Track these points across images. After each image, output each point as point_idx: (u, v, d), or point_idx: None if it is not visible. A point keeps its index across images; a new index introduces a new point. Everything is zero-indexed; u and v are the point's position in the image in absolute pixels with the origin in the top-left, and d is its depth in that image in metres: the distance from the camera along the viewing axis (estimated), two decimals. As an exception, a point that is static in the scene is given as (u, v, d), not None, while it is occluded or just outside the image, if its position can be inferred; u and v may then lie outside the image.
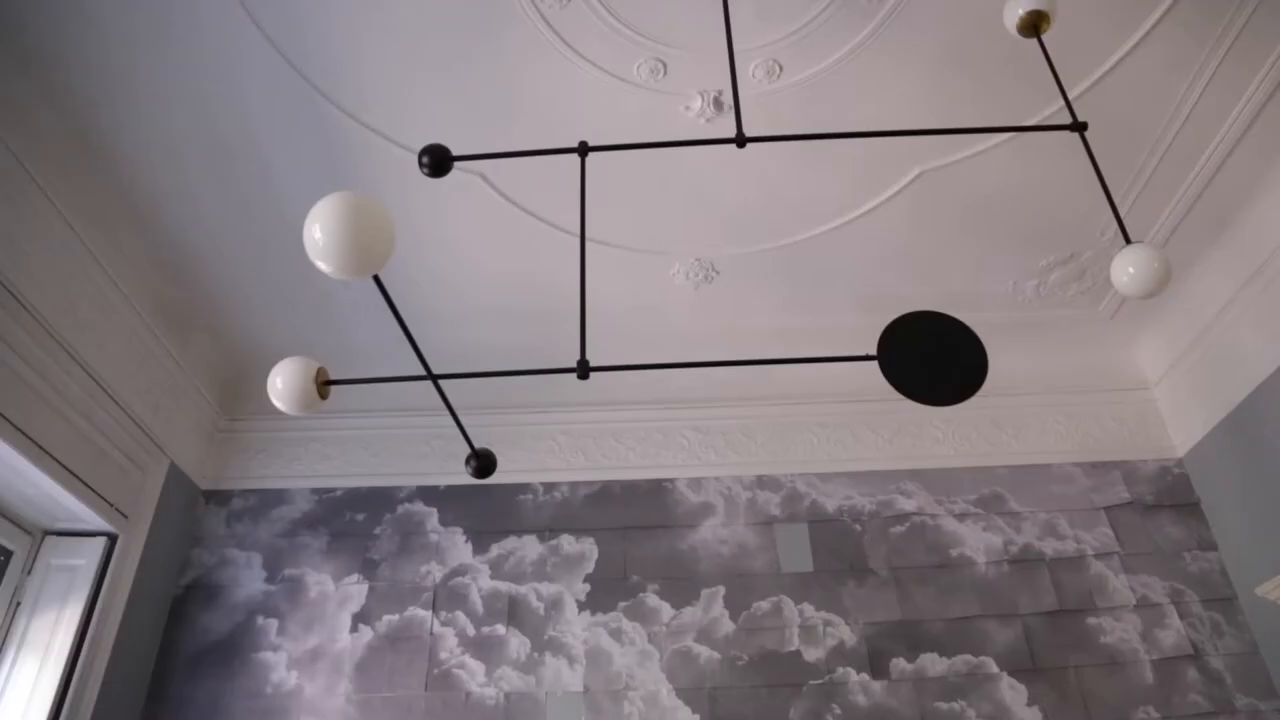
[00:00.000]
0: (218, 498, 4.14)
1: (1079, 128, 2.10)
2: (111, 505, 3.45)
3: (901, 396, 1.95)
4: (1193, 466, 4.11)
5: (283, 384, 2.29)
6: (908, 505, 4.07)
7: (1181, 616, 3.79)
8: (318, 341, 3.91)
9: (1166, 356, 4.21)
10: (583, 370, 2.32)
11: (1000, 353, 2.27)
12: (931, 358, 2.27)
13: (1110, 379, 4.36)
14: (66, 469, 3.19)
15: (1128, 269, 2.01)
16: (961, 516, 4.04)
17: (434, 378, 2.42)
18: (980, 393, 2.18)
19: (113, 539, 3.51)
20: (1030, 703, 3.62)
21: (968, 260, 3.78)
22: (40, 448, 3.06)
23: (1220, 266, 3.74)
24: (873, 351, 2.00)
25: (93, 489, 3.34)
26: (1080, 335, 4.23)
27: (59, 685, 3.21)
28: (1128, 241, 2.04)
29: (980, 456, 4.19)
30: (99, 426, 3.40)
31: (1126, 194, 3.41)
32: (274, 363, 2.04)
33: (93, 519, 3.40)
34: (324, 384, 2.31)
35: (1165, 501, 4.07)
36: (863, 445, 4.23)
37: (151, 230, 3.41)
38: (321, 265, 1.78)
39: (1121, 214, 2.45)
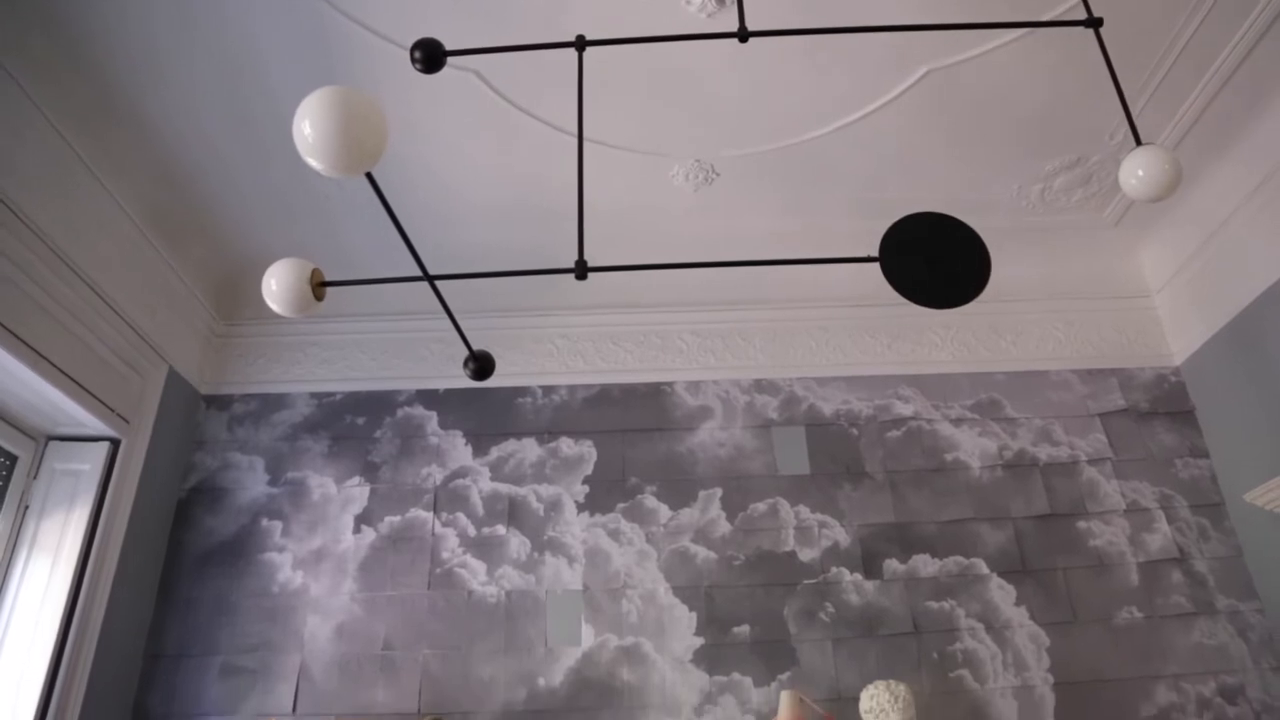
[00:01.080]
0: (218, 402, 4.16)
1: (1094, 23, 2.02)
2: (112, 410, 3.47)
3: (901, 302, 1.93)
4: (1189, 374, 4.12)
5: (277, 285, 2.27)
6: (905, 410, 4.10)
7: (1169, 521, 3.86)
8: (315, 246, 3.87)
9: (1169, 264, 4.18)
10: (580, 270, 2.29)
11: (1002, 259, 2.25)
12: (934, 260, 2.25)
13: (1112, 286, 4.34)
14: (66, 375, 3.20)
15: (1137, 171, 1.96)
16: (958, 422, 4.08)
17: (430, 278, 2.40)
18: (980, 299, 2.16)
19: (115, 444, 3.54)
20: (1018, 602, 3.71)
21: (972, 164, 3.71)
22: (39, 354, 3.06)
23: (1228, 175, 3.67)
24: (875, 254, 1.97)
25: (93, 394, 3.36)
26: (1083, 242, 4.19)
27: (71, 586, 3.29)
28: (1138, 143, 1.99)
29: (978, 362, 4.20)
30: (97, 333, 3.39)
31: (1137, 97, 3.32)
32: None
33: (94, 424, 3.43)
34: (319, 285, 2.29)
35: (1160, 409, 4.10)
36: (861, 350, 4.24)
37: (145, 136, 3.33)
38: (312, 162, 1.74)
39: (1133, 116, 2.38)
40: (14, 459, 3.38)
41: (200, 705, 3.60)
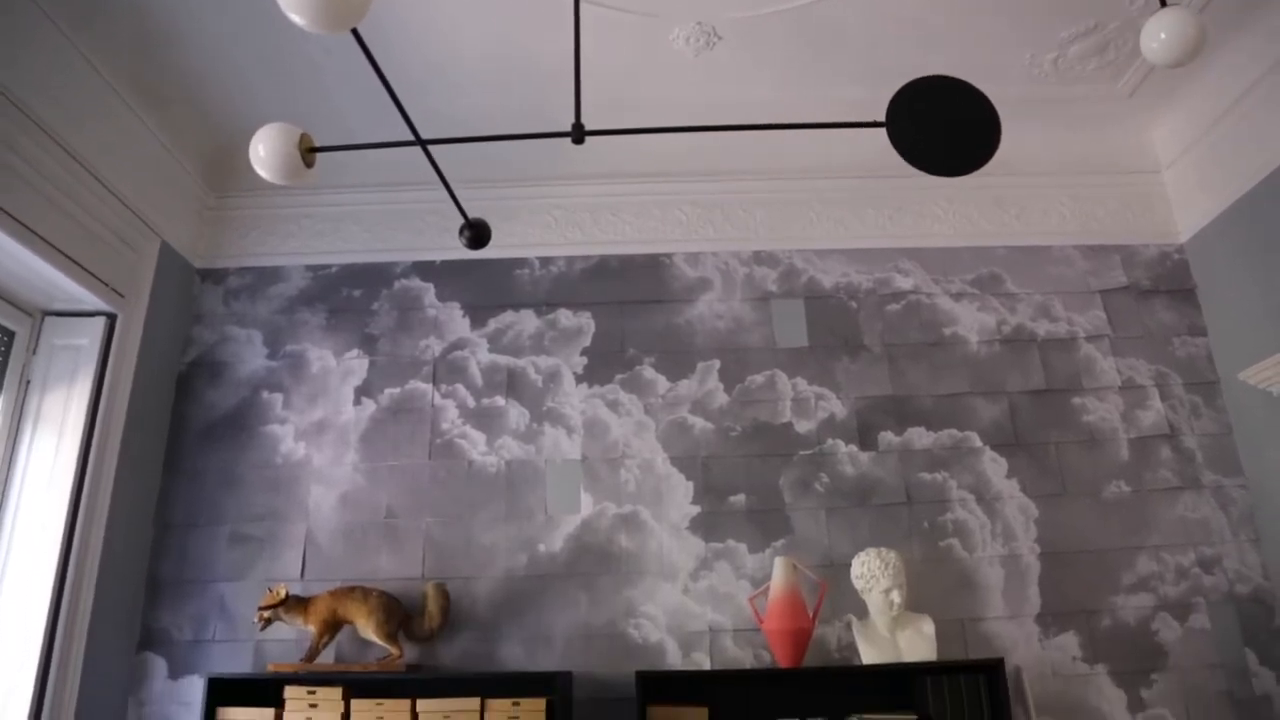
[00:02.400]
0: (213, 276, 4.13)
1: None
2: (107, 285, 3.45)
3: (904, 173, 1.88)
4: (1193, 252, 4.08)
5: (265, 151, 2.21)
6: (904, 284, 4.08)
7: (1163, 399, 3.90)
8: (306, 115, 3.74)
9: (1181, 139, 4.07)
10: (577, 134, 2.23)
11: (1011, 129, 2.17)
12: (941, 126, 2.18)
13: (1121, 161, 4.24)
14: (58, 250, 3.16)
15: (1159, 34, 1.88)
16: (957, 296, 4.06)
17: (423, 143, 2.33)
18: (985, 171, 2.11)
19: (112, 318, 3.53)
20: (1010, 475, 3.78)
21: (984, 30, 3.55)
22: (30, 230, 3.02)
23: (1247, 49, 3.53)
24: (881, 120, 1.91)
25: (86, 269, 3.32)
26: (1095, 113, 4.07)
27: (78, 459, 3.33)
28: (1163, 3, 1.90)
29: (980, 236, 4.15)
30: (87, 208, 3.34)
31: (1161, -44, 3.16)
32: (261, 139, 1.95)
33: (90, 299, 3.41)
34: (308, 151, 2.23)
35: (1161, 287, 4.08)
36: (862, 223, 4.18)
37: (129, 6, 3.18)
38: (295, 17, 1.66)
39: (1158, -30, 2.26)
40: (11, 335, 3.38)
41: (211, 572, 3.71)
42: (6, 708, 3.05)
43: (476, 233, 2.84)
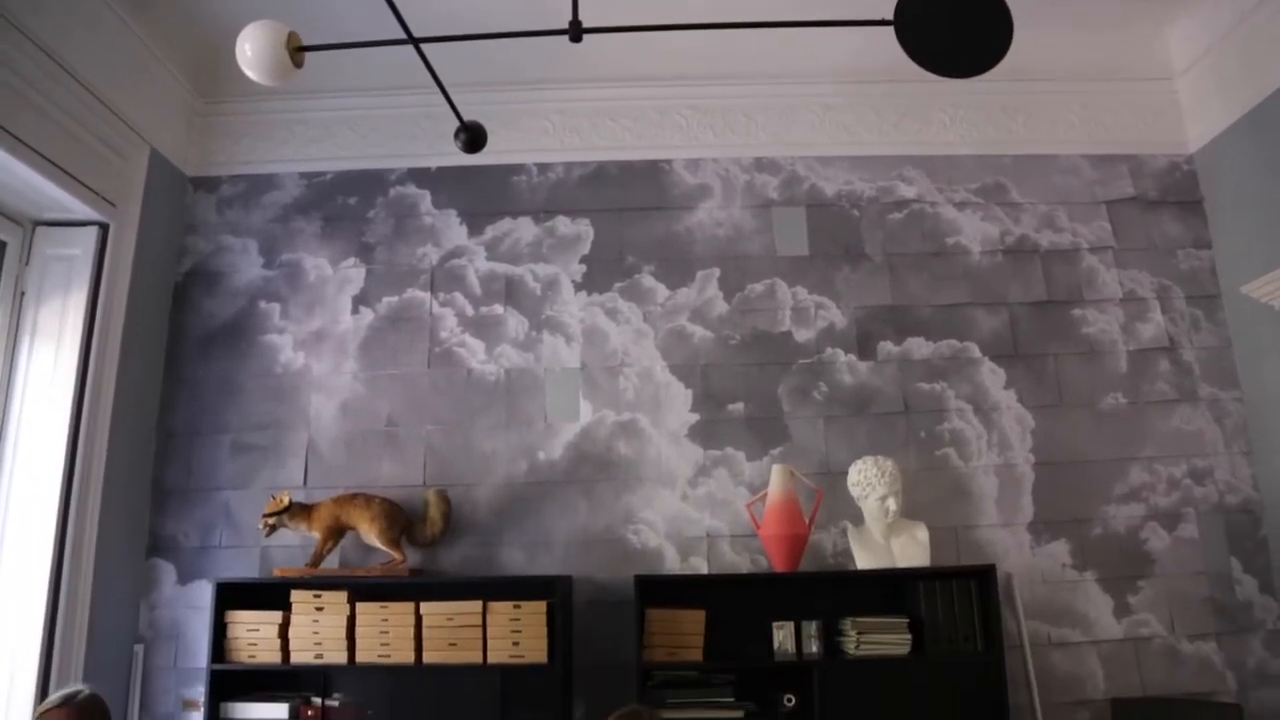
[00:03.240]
0: (206, 184, 4.06)
1: None
2: (97, 194, 3.39)
3: (910, 78, 1.82)
4: (1203, 163, 4.01)
5: (252, 50, 2.14)
6: (908, 192, 4.02)
7: (1164, 311, 3.88)
8: (298, 15, 3.60)
9: (1196, 45, 3.95)
10: (575, 32, 2.16)
11: (1022, 33, 2.10)
12: (950, 24, 2.11)
13: (1133, 67, 4.12)
14: (46, 159, 3.10)
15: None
16: (961, 205, 4.00)
17: (415, 41, 2.26)
18: (993, 76, 2.05)
19: (104, 228, 3.48)
20: (1008, 385, 3.79)
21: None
22: (16, 139, 2.95)
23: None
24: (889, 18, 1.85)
25: (75, 178, 3.27)
26: (1111, 14, 3.92)
27: (77, 370, 3.33)
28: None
29: (987, 144, 4.07)
30: (74, 115, 3.26)
31: None
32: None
33: (80, 208, 3.36)
34: (296, 50, 2.16)
35: (1169, 198, 4.02)
36: (866, 129, 4.09)
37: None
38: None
39: None
40: (3, 245, 3.35)
41: (215, 479, 3.76)
42: (23, 613, 3.12)
43: (472, 135, 2.77)
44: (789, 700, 3.28)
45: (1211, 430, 3.76)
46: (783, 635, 3.33)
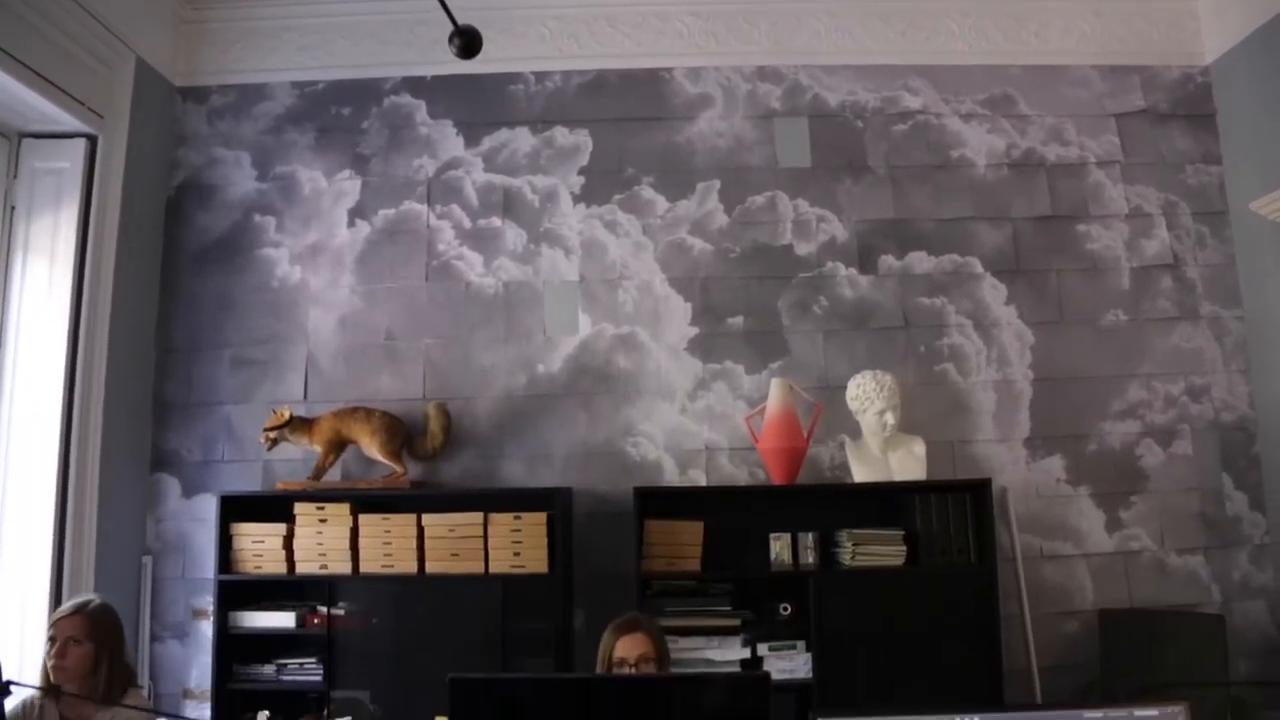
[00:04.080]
0: (195, 95, 3.97)
1: None
2: (83, 104, 3.31)
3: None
4: (1218, 75, 3.91)
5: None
6: (913, 103, 3.93)
7: (1169, 228, 3.84)
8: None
9: (1217, -50, 3.83)
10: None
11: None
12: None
13: (1150, -27, 4.00)
14: (29, 68, 3.02)
15: None
16: (967, 117, 3.92)
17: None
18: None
19: (92, 140, 3.41)
20: (1008, 301, 3.78)
21: None
22: (-2, 48, 2.88)
23: None
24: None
25: (60, 88, 3.19)
26: (1128, -82, 3.81)
27: (72, 285, 3.31)
28: None
29: (995, 55, 3.96)
30: (56, 23, 3.17)
31: None
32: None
33: (67, 120, 3.29)
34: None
35: (1180, 111, 3.94)
36: (872, 37, 3.97)
37: None
38: None
39: None
40: (-10, 159, 3.30)
41: (216, 394, 3.77)
42: (32, 526, 3.17)
43: (467, 40, 2.69)
44: (785, 609, 3.34)
45: (1211, 348, 3.76)
46: (779, 546, 3.38)
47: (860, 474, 3.44)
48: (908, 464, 3.44)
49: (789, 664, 3.23)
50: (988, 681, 3.17)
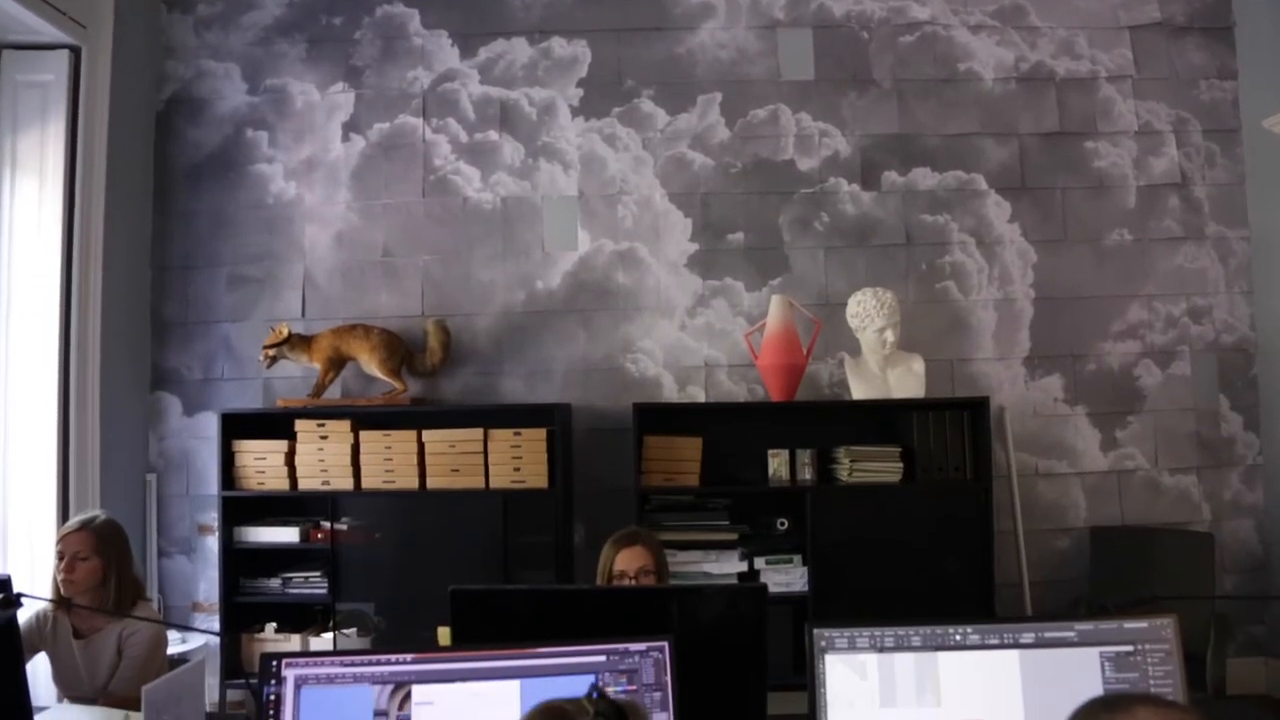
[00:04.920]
0: (180, 4, 3.86)
1: None
2: (64, 14, 3.21)
3: None
4: (1237, -14, 3.80)
5: None
6: (920, 13, 3.81)
7: (1179, 145, 3.77)
8: None
9: None
10: None
11: None
12: None
13: (1174, -126, 3.84)
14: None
15: None
16: (976, 29, 3.81)
17: None
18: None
19: (76, 51, 3.32)
20: (1012, 219, 3.73)
21: None
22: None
23: None
24: None
25: (38, -5, 3.08)
26: None
27: (64, 202, 3.25)
28: None
29: (1007, -37, 3.84)
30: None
31: None
32: None
33: (48, 30, 3.19)
34: None
35: (1197, 24, 3.83)
36: (881, -58, 3.85)
37: None
38: None
39: None
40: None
41: (214, 313, 3.76)
42: (36, 447, 3.18)
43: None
44: (782, 524, 3.39)
45: (1215, 269, 3.73)
46: (777, 463, 3.41)
47: (859, 391, 3.45)
48: (906, 382, 3.44)
49: (785, 577, 3.29)
50: (979, 596, 3.23)
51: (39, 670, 2.32)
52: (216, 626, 3.39)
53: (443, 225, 3.75)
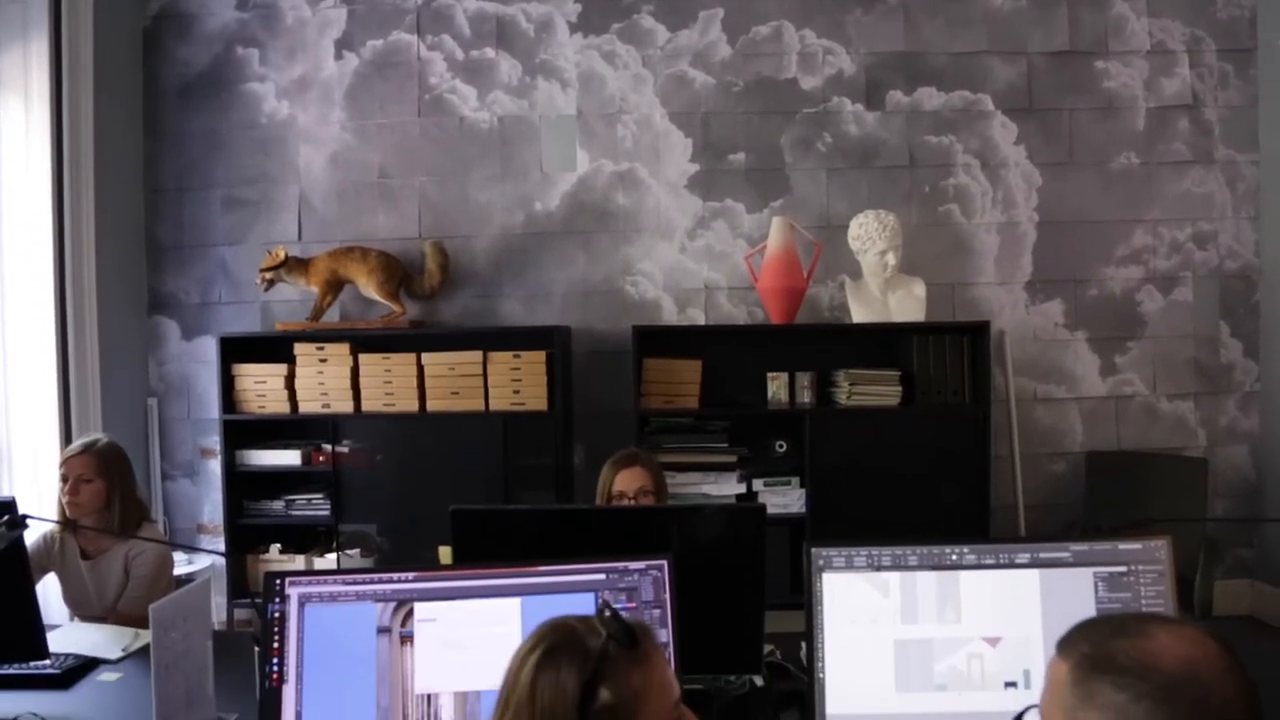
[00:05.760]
0: (165, -86, 3.72)
1: None
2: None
3: None
4: (1267, -119, 3.65)
5: None
6: (929, -75, 3.68)
7: (1191, 66, 3.68)
8: None
9: None
10: None
11: None
12: None
13: None
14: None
15: None
16: (987, -60, 3.69)
17: None
18: None
19: (55, -37, 3.21)
20: (1018, 141, 3.67)
21: None
22: None
23: None
24: None
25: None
26: None
27: (51, 124, 3.18)
28: None
29: None
30: None
31: None
32: None
33: (23, -61, 3.08)
34: None
35: (1215, -64, 3.70)
36: None
37: None
38: None
39: None
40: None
41: (209, 235, 3.72)
42: (36, 372, 3.18)
43: None
44: (781, 446, 3.41)
45: (1222, 194, 3.68)
46: (777, 386, 3.43)
47: (859, 314, 3.43)
48: (907, 305, 3.42)
49: (783, 499, 3.33)
50: (975, 519, 3.28)
51: (50, 590, 2.36)
52: (222, 548, 3.44)
53: (439, 146, 3.68)
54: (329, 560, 3.41)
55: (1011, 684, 1.31)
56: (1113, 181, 3.67)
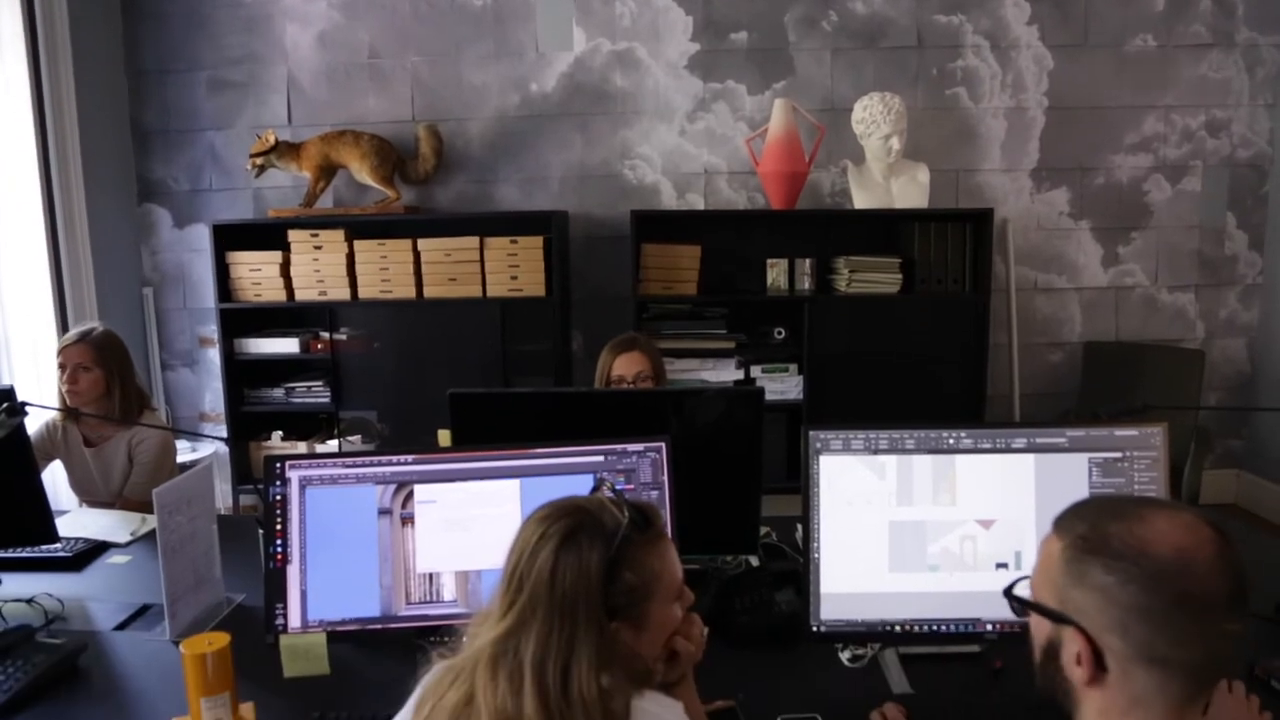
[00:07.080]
0: None
1: None
2: None
3: None
4: None
5: None
6: None
7: (1216, -61, 3.51)
8: None
9: None
10: None
11: None
12: None
13: None
14: None
15: None
16: None
17: None
18: None
19: None
20: (1030, 21, 3.53)
21: None
22: None
23: None
24: None
25: None
26: None
27: (23, 9, 3.04)
28: None
29: None
30: None
31: None
32: None
33: None
34: None
35: None
36: None
37: None
38: None
39: None
40: None
41: (196, 120, 3.62)
42: (29, 264, 3.13)
43: None
44: (779, 333, 3.41)
45: (1240, 79, 3.56)
46: (776, 272, 3.40)
47: (861, 200, 3.37)
48: (910, 191, 3.36)
49: (781, 385, 3.35)
50: (971, 406, 3.31)
51: (58, 478, 2.40)
52: (224, 434, 3.48)
53: (430, 24, 3.54)
54: (331, 446, 3.46)
55: (1003, 565, 1.33)
56: (1126, 65, 3.55)
